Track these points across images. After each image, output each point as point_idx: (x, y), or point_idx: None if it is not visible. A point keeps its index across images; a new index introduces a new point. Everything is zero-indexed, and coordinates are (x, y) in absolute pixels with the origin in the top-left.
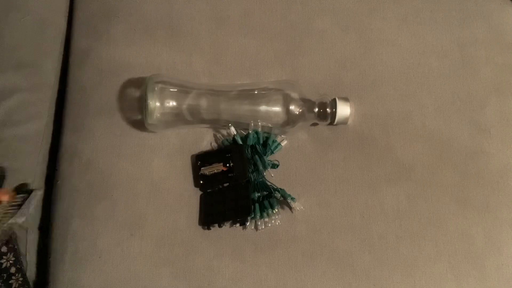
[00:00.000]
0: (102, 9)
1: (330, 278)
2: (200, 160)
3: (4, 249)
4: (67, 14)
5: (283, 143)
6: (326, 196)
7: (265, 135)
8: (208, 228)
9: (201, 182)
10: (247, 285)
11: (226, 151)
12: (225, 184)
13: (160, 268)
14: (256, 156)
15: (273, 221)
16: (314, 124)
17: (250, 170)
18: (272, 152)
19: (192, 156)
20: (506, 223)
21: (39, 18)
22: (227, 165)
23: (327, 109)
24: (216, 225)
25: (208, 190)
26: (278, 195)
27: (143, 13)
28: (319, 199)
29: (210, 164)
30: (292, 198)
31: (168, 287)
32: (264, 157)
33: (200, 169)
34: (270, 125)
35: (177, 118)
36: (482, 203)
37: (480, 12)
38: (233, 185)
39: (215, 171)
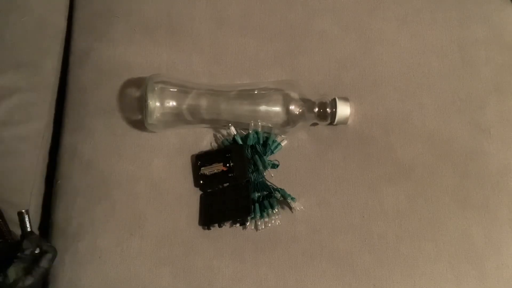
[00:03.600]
0: (102, 9)
1: (330, 278)
2: (200, 160)
3: None
4: (67, 14)
5: (283, 143)
6: (326, 196)
7: (265, 135)
8: (208, 228)
9: (201, 182)
10: (247, 285)
11: (226, 151)
12: (225, 184)
13: (160, 268)
14: (256, 156)
15: (273, 221)
16: (314, 124)
17: (250, 170)
18: (272, 152)
19: (192, 156)
20: (506, 223)
21: (39, 18)
22: (227, 165)
23: (327, 109)
24: (216, 225)
25: (208, 190)
26: (278, 195)
27: (143, 13)
28: (319, 199)
29: (210, 164)
30: (292, 198)
31: (168, 287)
32: (264, 157)
33: (200, 169)
34: (270, 125)
35: (177, 118)
36: (482, 203)
37: (480, 12)
38: (233, 185)
39: (215, 171)
